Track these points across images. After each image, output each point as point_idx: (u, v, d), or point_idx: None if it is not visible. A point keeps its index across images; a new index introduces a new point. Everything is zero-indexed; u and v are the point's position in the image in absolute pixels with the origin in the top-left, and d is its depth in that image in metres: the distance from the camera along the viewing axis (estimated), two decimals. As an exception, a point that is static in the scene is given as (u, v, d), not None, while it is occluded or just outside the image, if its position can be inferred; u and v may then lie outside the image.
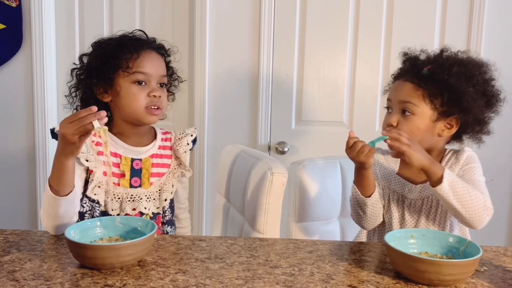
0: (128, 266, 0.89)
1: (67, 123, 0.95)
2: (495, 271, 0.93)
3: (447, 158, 1.18)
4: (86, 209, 1.16)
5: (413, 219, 1.18)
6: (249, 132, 2.03)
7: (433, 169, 1.03)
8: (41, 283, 0.82)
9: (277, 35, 1.98)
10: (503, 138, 1.93)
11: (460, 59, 1.14)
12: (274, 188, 1.27)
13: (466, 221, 1.05)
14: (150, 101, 1.17)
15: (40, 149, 2.06)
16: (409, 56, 1.22)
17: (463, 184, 1.03)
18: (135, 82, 1.16)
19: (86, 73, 1.20)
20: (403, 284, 0.86)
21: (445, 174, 1.02)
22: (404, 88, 1.14)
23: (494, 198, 1.97)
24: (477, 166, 1.14)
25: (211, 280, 0.85)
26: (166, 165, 1.26)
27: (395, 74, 1.24)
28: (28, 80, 2.03)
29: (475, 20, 1.91)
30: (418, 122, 1.12)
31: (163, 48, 1.26)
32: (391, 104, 1.17)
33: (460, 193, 1.02)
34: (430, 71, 1.12)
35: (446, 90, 1.10)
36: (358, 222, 1.20)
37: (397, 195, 1.19)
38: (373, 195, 1.14)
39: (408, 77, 1.15)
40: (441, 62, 1.13)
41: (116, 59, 1.16)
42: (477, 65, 1.13)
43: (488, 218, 1.04)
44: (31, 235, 1.06)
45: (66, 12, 2.07)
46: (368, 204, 1.14)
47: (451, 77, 1.09)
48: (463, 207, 1.02)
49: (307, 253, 1.00)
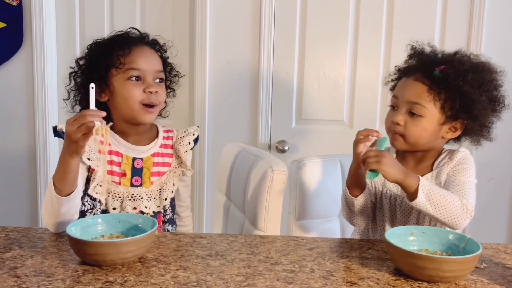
0: (129, 263, 0.89)
1: (71, 121, 0.97)
2: (494, 268, 0.94)
3: (441, 158, 1.17)
4: (87, 208, 1.16)
5: (404, 217, 1.18)
6: (250, 130, 2.03)
7: (407, 182, 1.02)
8: (43, 279, 0.82)
9: (278, 34, 1.98)
10: (503, 138, 1.93)
11: (475, 64, 1.11)
12: (274, 186, 1.27)
13: (445, 225, 1.05)
14: (146, 97, 1.15)
15: (41, 148, 2.06)
16: (417, 51, 1.19)
17: (439, 191, 1.03)
18: (129, 78, 1.15)
19: (82, 75, 1.20)
20: (403, 280, 0.86)
21: (420, 187, 1.01)
22: (415, 88, 1.11)
23: (495, 197, 2.00)
24: (469, 168, 1.13)
25: (211, 276, 0.85)
26: (167, 164, 1.26)
27: (401, 69, 1.21)
28: (28, 79, 2.03)
29: (475, 16, 1.90)
30: (426, 124, 1.11)
31: (157, 43, 1.25)
32: (397, 102, 1.15)
33: (436, 201, 1.02)
34: (443, 74, 1.09)
35: (459, 97, 1.08)
36: (348, 219, 1.22)
37: (389, 192, 1.20)
38: (360, 196, 1.15)
39: (418, 76, 1.12)
40: (456, 66, 1.09)
41: (108, 57, 1.15)
42: (489, 71, 1.12)
43: (467, 220, 1.04)
44: (32, 232, 1.07)
45: (66, 10, 2.07)
46: (355, 204, 1.16)
47: (466, 84, 1.07)
48: (440, 213, 1.03)
49: (307, 250, 1.00)
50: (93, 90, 1.01)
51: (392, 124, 1.14)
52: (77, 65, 1.22)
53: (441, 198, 1.02)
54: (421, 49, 1.19)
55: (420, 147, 1.14)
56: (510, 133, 1.92)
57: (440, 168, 1.15)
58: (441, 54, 1.16)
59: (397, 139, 1.14)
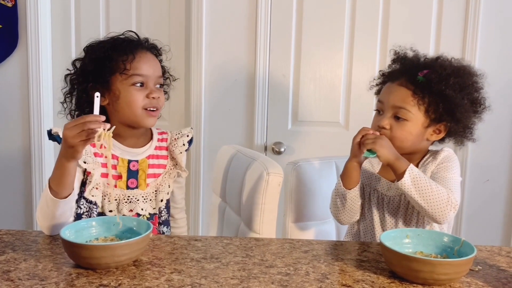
0: (123, 266, 0.89)
1: (70, 126, 0.96)
2: (489, 271, 0.94)
3: (425, 158, 1.21)
4: (83, 211, 1.16)
5: (392, 217, 1.20)
6: (246, 132, 2.03)
7: (397, 164, 1.09)
8: (36, 283, 0.82)
9: (274, 35, 1.98)
10: (498, 140, 1.94)
11: (456, 68, 1.15)
12: (270, 188, 1.27)
13: (429, 215, 1.08)
14: (148, 102, 1.17)
15: (36, 150, 2.05)
16: (399, 56, 1.23)
17: (426, 179, 1.07)
18: (133, 84, 1.16)
19: (81, 77, 1.19)
20: (398, 283, 0.86)
21: (408, 169, 1.07)
22: (399, 93, 1.15)
23: (490, 199, 2.00)
24: (452, 165, 1.15)
25: (206, 279, 0.85)
26: (162, 166, 1.26)
27: (385, 73, 1.25)
28: (23, 80, 2.03)
29: (470, 18, 1.91)
30: (411, 128, 1.14)
31: (156, 48, 1.26)
32: (382, 107, 1.19)
33: (422, 188, 1.06)
34: (426, 78, 1.13)
35: (442, 100, 1.12)
36: (335, 215, 1.25)
37: (377, 193, 1.22)
38: (353, 189, 1.18)
39: (403, 81, 1.16)
40: (438, 71, 1.13)
41: (112, 62, 1.15)
42: (470, 74, 1.16)
43: (452, 213, 1.06)
44: (26, 235, 1.06)
45: (62, 11, 2.06)
46: (347, 198, 1.19)
47: (448, 88, 1.11)
48: (425, 201, 1.06)
49: (302, 252, 1.00)
50: (98, 99, 1.01)
51: (378, 128, 1.17)
52: (74, 67, 1.21)
53: (427, 185, 1.06)
54: (403, 54, 1.22)
55: (406, 149, 1.17)
56: (505, 135, 1.93)
57: (425, 167, 1.18)
58: (423, 58, 1.20)
59: None
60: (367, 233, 1.25)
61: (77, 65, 1.21)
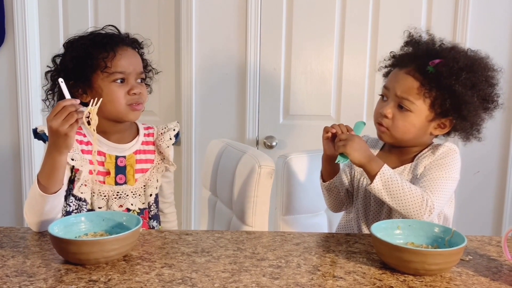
0: (113, 261, 0.88)
1: (52, 116, 0.95)
2: (479, 260, 0.94)
3: (424, 151, 1.16)
4: (73, 208, 1.15)
5: (377, 207, 1.19)
6: (237, 126, 2.02)
7: (369, 167, 1.05)
8: (24, 279, 0.81)
9: (264, 29, 1.97)
10: (488, 131, 1.94)
11: (471, 62, 1.07)
12: (262, 181, 1.27)
13: (403, 217, 1.05)
14: (131, 98, 1.16)
15: (25, 146, 2.03)
16: (414, 39, 1.16)
17: (399, 182, 1.03)
18: (114, 81, 1.15)
19: (61, 74, 1.17)
20: (389, 274, 0.86)
21: (379, 172, 1.03)
22: (406, 82, 1.10)
23: (480, 190, 2.01)
24: (448, 163, 1.10)
25: (197, 273, 0.84)
26: (149, 161, 1.25)
27: (396, 56, 1.19)
28: (11, 76, 2.00)
29: (460, 10, 1.91)
30: (414, 120, 1.10)
31: (137, 42, 1.25)
32: (387, 93, 1.14)
33: (394, 191, 1.02)
34: (436, 70, 1.06)
35: (450, 96, 1.06)
36: (326, 204, 1.28)
37: (367, 181, 1.19)
38: (331, 181, 1.20)
39: (411, 70, 1.10)
40: (450, 64, 1.06)
41: (92, 60, 1.14)
42: (485, 69, 1.09)
43: (426, 215, 1.02)
44: (14, 232, 1.05)
45: (49, 7, 2.04)
46: (327, 189, 1.21)
47: (458, 84, 1.05)
48: (397, 204, 1.03)
49: (294, 245, 1.00)
50: (63, 83, 1.04)
51: (380, 115, 1.13)
52: (54, 63, 1.19)
53: (399, 188, 1.02)
54: (418, 38, 1.16)
55: (407, 142, 1.14)
56: (495, 126, 1.94)
57: (420, 161, 1.14)
58: (439, 44, 1.13)
59: (384, 132, 1.14)
60: (353, 224, 1.24)
61: (57, 61, 1.19)
